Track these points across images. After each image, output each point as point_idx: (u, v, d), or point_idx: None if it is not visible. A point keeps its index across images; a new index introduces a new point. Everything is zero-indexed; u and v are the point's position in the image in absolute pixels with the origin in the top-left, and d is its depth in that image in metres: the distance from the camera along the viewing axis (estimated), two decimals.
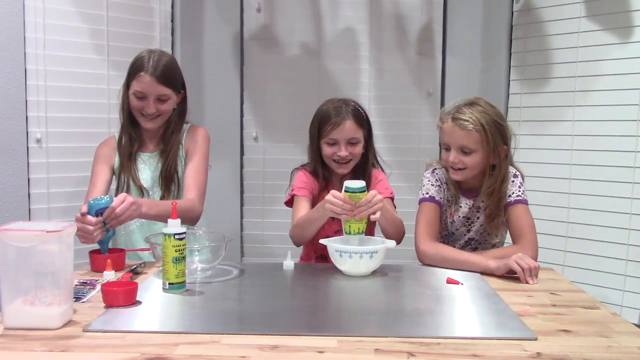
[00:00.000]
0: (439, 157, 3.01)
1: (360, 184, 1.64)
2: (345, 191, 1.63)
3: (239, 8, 3.01)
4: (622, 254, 2.48)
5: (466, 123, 1.75)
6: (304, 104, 2.93)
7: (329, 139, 1.90)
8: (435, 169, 1.90)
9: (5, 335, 1.15)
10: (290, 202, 1.95)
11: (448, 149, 1.81)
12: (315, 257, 1.99)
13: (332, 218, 1.94)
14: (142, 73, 1.85)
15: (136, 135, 1.95)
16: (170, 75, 1.89)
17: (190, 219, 1.84)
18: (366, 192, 1.63)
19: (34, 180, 2.40)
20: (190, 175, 1.92)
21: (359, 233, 1.65)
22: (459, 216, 1.86)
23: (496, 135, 1.76)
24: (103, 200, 1.63)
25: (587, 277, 2.56)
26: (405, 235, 1.92)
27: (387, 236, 1.85)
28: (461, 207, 1.86)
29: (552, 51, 2.72)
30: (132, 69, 1.89)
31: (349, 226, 1.65)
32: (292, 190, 1.95)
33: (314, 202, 1.93)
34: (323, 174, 1.96)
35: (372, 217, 1.63)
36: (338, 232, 1.95)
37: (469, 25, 2.99)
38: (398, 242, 1.87)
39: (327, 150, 1.91)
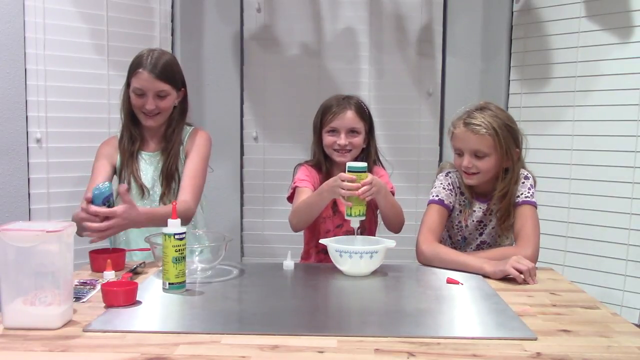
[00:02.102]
0: (438, 158, 3.04)
1: (362, 164, 1.69)
2: (348, 171, 1.67)
3: (239, 8, 3.01)
4: (622, 254, 2.48)
5: (478, 127, 1.75)
6: (304, 104, 2.93)
7: (330, 127, 1.93)
8: (449, 172, 1.90)
9: (5, 335, 1.15)
10: (292, 198, 1.96)
11: (461, 154, 1.81)
12: (317, 251, 2.00)
13: (334, 212, 1.95)
14: (140, 69, 1.86)
15: (137, 134, 1.96)
16: (168, 71, 1.89)
17: (184, 219, 1.84)
18: (367, 172, 1.68)
19: (34, 180, 2.40)
20: (187, 176, 1.91)
21: (360, 215, 1.69)
22: (473, 220, 1.86)
23: (509, 139, 1.76)
24: (105, 188, 1.62)
25: (587, 277, 2.56)
26: (406, 235, 1.92)
27: (387, 221, 1.87)
28: (475, 211, 1.86)
29: (552, 51, 2.72)
30: (131, 66, 1.90)
31: (350, 209, 1.68)
32: (294, 184, 1.96)
33: None
34: (325, 165, 1.99)
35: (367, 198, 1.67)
36: (339, 227, 1.96)
37: (469, 25, 2.99)
38: (398, 230, 1.90)
39: (327, 139, 1.94)
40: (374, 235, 2.02)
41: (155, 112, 1.90)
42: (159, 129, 1.97)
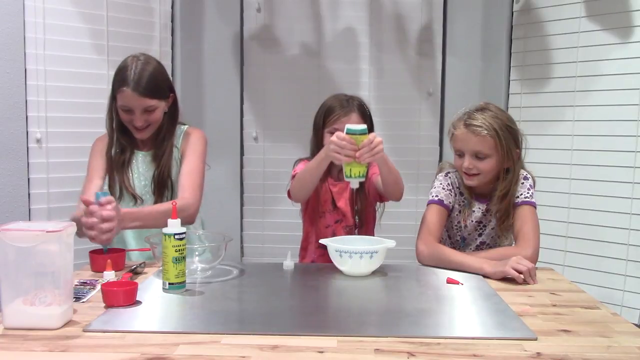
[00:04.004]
0: (438, 158, 3.04)
1: (361, 126, 1.66)
2: (347, 133, 1.64)
3: (239, 8, 3.01)
4: (622, 254, 2.48)
5: (479, 129, 1.74)
6: (304, 104, 2.93)
7: (333, 129, 1.91)
8: (449, 172, 1.90)
9: (5, 335, 1.15)
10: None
11: (461, 155, 1.80)
12: (317, 246, 2.00)
13: (333, 207, 1.97)
14: (124, 88, 1.79)
15: (128, 143, 1.92)
16: (154, 85, 1.83)
17: (185, 216, 1.82)
18: (367, 135, 1.64)
19: (34, 180, 2.40)
20: (184, 175, 1.88)
21: (359, 177, 1.66)
22: (472, 221, 1.86)
23: (509, 139, 1.76)
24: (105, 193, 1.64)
25: (587, 277, 2.56)
26: (406, 235, 1.92)
27: (387, 187, 1.84)
28: (474, 211, 1.86)
29: (552, 51, 2.72)
30: (115, 81, 1.84)
31: (350, 169, 1.66)
32: (293, 172, 1.95)
33: (314, 191, 1.95)
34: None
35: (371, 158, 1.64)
36: (339, 222, 1.98)
37: (469, 25, 3.00)
38: (398, 197, 1.88)
39: (329, 139, 1.92)
40: (373, 232, 2.04)
41: (145, 126, 1.86)
42: (150, 136, 1.94)
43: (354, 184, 1.69)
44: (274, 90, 3.06)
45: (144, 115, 1.84)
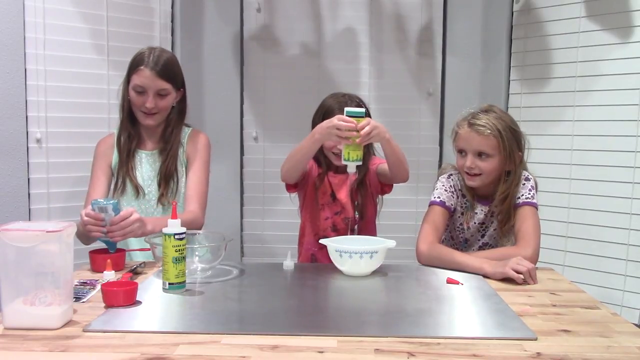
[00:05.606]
0: (438, 158, 3.04)
1: (360, 109, 1.73)
2: (346, 115, 1.70)
3: (239, 8, 3.01)
4: (622, 254, 2.48)
5: (483, 128, 1.76)
6: (304, 104, 2.93)
7: None
8: (451, 174, 1.90)
9: (5, 335, 1.15)
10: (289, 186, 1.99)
11: (464, 155, 1.81)
12: (316, 239, 2.00)
13: (332, 199, 1.99)
14: (142, 67, 1.85)
15: (135, 133, 1.95)
16: (170, 70, 1.89)
17: (194, 228, 1.84)
18: (365, 118, 1.71)
19: (34, 180, 2.40)
20: (193, 185, 1.92)
21: (357, 160, 1.72)
22: (475, 223, 1.87)
23: (512, 141, 1.77)
24: (112, 200, 1.66)
25: (587, 277, 2.56)
26: (406, 235, 1.92)
27: (392, 170, 1.87)
28: (476, 213, 1.86)
29: (552, 51, 2.72)
30: (132, 63, 1.89)
31: (348, 153, 1.72)
32: None
33: (310, 186, 1.99)
34: (324, 162, 2.00)
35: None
36: (338, 213, 2.00)
37: (469, 25, 2.99)
38: (404, 179, 1.92)
39: (328, 142, 1.93)
40: (374, 224, 2.04)
41: (154, 111, 1.90)
42: (157, 129, 1.97)
43: (351, 168, 1.74)
44: (274, 90, 3.06)
45: (156, 99, 1.88)
